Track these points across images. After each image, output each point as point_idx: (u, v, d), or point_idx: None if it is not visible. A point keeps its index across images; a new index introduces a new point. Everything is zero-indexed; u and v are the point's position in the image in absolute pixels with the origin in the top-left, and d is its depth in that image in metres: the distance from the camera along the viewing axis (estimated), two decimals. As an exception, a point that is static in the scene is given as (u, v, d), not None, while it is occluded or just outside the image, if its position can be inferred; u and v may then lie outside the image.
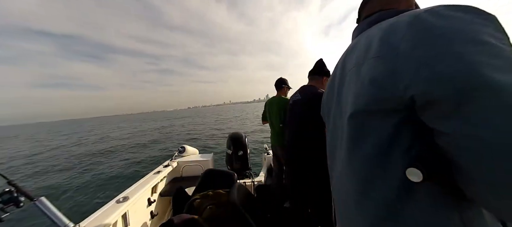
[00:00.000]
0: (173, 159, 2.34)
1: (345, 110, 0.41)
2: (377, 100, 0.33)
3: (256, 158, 4.69)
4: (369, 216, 0.36)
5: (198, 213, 1.21)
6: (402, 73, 0.29)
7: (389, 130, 0.32)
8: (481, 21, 0.26)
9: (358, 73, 0.37)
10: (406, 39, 0.29)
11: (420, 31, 0.28)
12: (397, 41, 0.30)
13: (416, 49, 0.28)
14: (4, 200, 0.80)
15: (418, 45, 0.28)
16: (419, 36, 0.28)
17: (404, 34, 0.29)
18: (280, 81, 2.10)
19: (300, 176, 1.39)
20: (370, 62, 0.34)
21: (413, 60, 0.28)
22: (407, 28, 0.29)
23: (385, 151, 0.33)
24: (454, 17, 0.27)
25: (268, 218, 1.65)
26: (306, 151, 1.31)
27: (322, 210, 1.34)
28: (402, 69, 0.29)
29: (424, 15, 0.29)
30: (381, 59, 0.32)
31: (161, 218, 1.88)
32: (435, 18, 0.28)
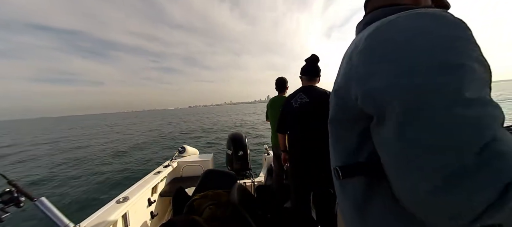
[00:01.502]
0: (173, 159, 2.34)
1: None
2: (341, 109, 0.38)
3: (256, 158, 4.68)
4: (348, 213, 0.40)
5: (198, 213, 1.21)
6: (352, 86, 0.32)
7: (355, 138, 0.36)
8: (428, 40, 0.25)
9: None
10: (359, 51, 0.32)
11: (368, 46, 0.30)
12: (355, 54, 0.32)
13: (360, 64, 0.31)
14: (5, 200, 0.80)
15: (363, 60, 0.30)
16: (366, 51, 0.30)
17: (361, 47, 0.31)
18: (284, 82, 2.09)
19: (304, 176, 1.38)
20: (341, 75, 0.37)
21: (356, 74, 0.31)
22: (364, 40, 0.31)
23: (353, 157, 0.37)
24: (406, 31, 0.26)
25: (268, 218, 1.65)
26: (311, 152, 1.30)
27: (324, 211, 1.34)
28: (351, 83, 0.32)
29: (384, 26, 0.29)
30: (344, 73, 0.35)
31: (161, 219, 1.88)
32: (387, 32, 0.28)
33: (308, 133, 1.33)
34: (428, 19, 0.26)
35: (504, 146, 0.21)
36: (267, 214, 1.66)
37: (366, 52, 0.30)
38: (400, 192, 0.27)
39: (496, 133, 0.21)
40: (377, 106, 0.27)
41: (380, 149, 0.29)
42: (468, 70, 0.23)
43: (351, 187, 0.38)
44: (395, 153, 0.26)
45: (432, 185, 0.22)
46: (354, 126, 0.35)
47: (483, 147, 0.20)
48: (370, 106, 0.29)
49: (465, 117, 0.21)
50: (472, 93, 0.22)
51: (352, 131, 0.36)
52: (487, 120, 0.21)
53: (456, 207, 0.21)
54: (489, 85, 0.24)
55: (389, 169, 0.28)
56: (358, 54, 0.31)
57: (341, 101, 0.37)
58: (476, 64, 0.23)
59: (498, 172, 0.20)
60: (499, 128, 0.22)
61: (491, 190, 0.20)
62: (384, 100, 0.26)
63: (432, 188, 0.22)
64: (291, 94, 1.50)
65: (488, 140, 0.20)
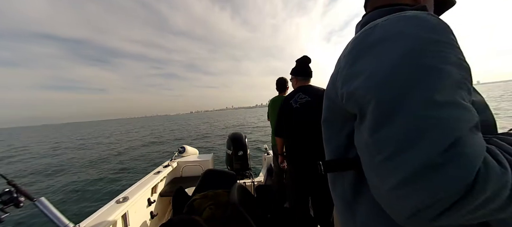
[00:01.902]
0: (173, 159, 2.34)
1: None
2: (330, 110, 0.39)
3: (256, 158, 4.68)
4: (340, 210, 0.42)
5: (198, 213, 1.21)
6: (338, 87, 0.34)
7: (343, 140, 0.37)
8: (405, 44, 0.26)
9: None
10: (345, 54, 0.34)
11: (352, 49, 0.32)
12: (343, 56, 0.34)
13: (346, 66, 0.32)
14: (4, 200, 0.80)
15: (347, 62, 0.32)
16: (350, 54, 0.32)
17: (347, 50, 0.34)
18: (284, 82, 2.09)
19: (304, 176, 1.38)
20: (330, 77, 0.39)
21: (341, 75, 0.33)
22: (351, 44, 0.34)
23: (343, 157, 0.39)
24: (386, 35, 0.28)
25: (268, 218, 1.65)
26: (313, 153, 1.30)
27: (322, 211, 1.34)
28: (338, 84, 0.34)
29: (368, 30, 0.31)
30: (333, 74, 0.37)
31: (161, 218, 1.88)
32: (369, 36, 0.30)
33: (312, 132, 1.31)
34: (409, 22, 0.27)
35: (468, 148, 0.21)
36: (267, 214, 1.66)
37: (350, 55, 0.32)
38: (371, 189, 0.29)
39: (463, 135, 0.21)
40: (358, 105, 0.29)
41: (357, 146, 0.31)
42: (441, 73, 0.23)
43: (340, 185, 0.40)
44: (366, 149, 0.28)
45: (395, 181, 0.23)
46: (343, 127, 0.37)
47: (447, 148, 0.21)
48: (354, 106, 0.30)
49: (433, 118, 0.22)
50: (443, 95, 0.23)
51: (341, 132, 0.38)
52: (455, 122, 0.22)
53: (416, 205, 0.22)
54: (467, 88, 0.25)
55: (363, 167, 0.30)
56: (345, 57, 0.33)
57: (330, 102, 0.39)
58: (452, 68, 0.24)
59: (459, 173, 0.20)
60: (469, 131, 0.22)
61: (450, 189, 0.20)
62: (365, 100, 0.27)
63: (395, 184, 0.23)
64: (288, 95, 1.47)
65: (452, 141, 0.21)
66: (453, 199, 0.20)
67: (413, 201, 0.22)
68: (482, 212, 0.21)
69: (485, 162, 0.21)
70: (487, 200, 0.21)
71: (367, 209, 0.34)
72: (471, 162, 0.20)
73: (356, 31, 0.45)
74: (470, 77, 0.25)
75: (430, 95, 0.23)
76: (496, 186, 0.21)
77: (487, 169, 0.21)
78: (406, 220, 0.23)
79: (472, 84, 0.26)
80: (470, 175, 0.20)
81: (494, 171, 0.21)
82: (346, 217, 0.39)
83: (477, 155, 0.21)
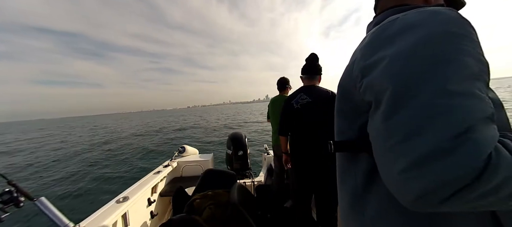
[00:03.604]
0: (173, 159, 2.34)
1: None
2: (345, 100, 0.40)
3: (256, 158, 4.68)
4: (346, 201, 0.42)
5: (198, 213, 1.21)
6: (356, 77, 0.34)
7: (356, 131, 0.38)
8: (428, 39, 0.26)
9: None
10: (363, 46, 0.34)
11: (370, 41, 0.33)
12: (360, 48, 0.35)
13: (363, 57, 0.33)
14: (4, 200, 0.80)
15: (366, 53, 0.33)
16: (368, 45, 0.33)
17: (365, 42, 0.34)
18: (284, 81, 2.09)
19: (305, 176, 1.38)
20: (346, 68, 0.40)
21: (359, 66, 0.34)
22: (369, 36, 0.34)
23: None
24: (404, 26, 0.29)
25: (268, 218, 1.65)
26: (314, 153, 1.30)
27: (324, 209, 1.34)
28: (355, 74, 0.35)
29: (386, 24, 0.32)
30: (349, 66, 0.38)
31: (161, 218, 1.88)
32: (387, 29, 0.31)
33: (311, 134, 1.32)
34: (427, 15, 0.28)
35: (479, 135, 0.21)
36: (267, 214, 1.66)
37: (368, 47, 0.33)
38: (380, 174, 0.29)
39: (475, 124, 0.22)
40: (375, 94, 0.30)
41: (370, 134, 0.31)
42: (458, 64, 0.24)
43: (351, 177, 0.40)
44: (378, 135, 0.28)
45: (404, 164, 0.24)
46: (357, 118, 0.37)
47: (458, 134, 0.21)
48: (371, 95, 0.31)
49: (446, 105, 0.23)
50: (459, 85, 0.23)
51: (354, 123, 0.38)
52: (468, 111, 0.22)
53: (424, 187, 0.22)
54: (484, 81, 0.25)
55: (375, 154, 0.30)
56: (362, 48, 0.34)
57: (346, 93, 0.39)
58: (470, 59, 0.25)
59: (468, 158, 0.21)
60: (482, 121, 0.22)
61: (459, 174, 0.21)
62: (381, 88, 0.28)
63: (404, 167, 0.24)
64: (291, 95, 1.47)
65: (465, 128, 0.21)
66: (461, 184, 0.21)
67: (422, 183, 0.22)
68: (490, 200, 0.22)
69: (496, 150, 0.21)
70: (497, 187, 0.21)
71: (379, 199, 0.34)
72: (481, 148, 0.21)
73: (368, 30, 0.46)
74: (488, 71, 0.26)
75: (445, 84, 0.23)
76: (506, 174, 0.21)
77: (499, 157, 0.21)
78: (413, 202, 0.24)
79: (489, 79, 0.27)
80: (480, 161, 0.20)
81: (505, 159, 0.21)
82: (355, 211, 0.39)
83: (488, 142, 0.21)
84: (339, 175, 0.45)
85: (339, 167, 0.45)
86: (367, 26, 0.46)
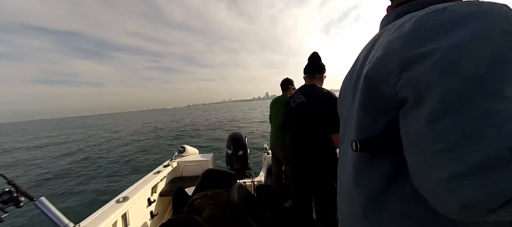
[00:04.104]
0: (173, 159, 2.34)
1: (355, 104, 0.42)
2: (371, 93, 0.36)
3: (256, 158, 4.68)
4: (358, 204, 0.39)
5: (198, 213, 1.21)
6: (392, 69, 0.30)
7: (381, 127, 0.34)
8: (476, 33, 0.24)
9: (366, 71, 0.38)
10: (404, 35, 0.30)
11: (415, 30, 0.29)
12: (398, 37, 0.31)
13: (405, 48, 0.29)
14: (4, 200, 0.80)
15: (409, 44, 0.29)
16: (413, 35, 0.29)
17: (407, 31, 0.30)
18: (286, 82, 2.10)
19: (301, 177, 1.39)
20: (373, 62, 0.35)
21: (400, 58, 0.29)
22: (411, 24, 0.30)
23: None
24: (455, 20, 0.26)
25: (268, 218, 1.65)
26: (307, 152, 1.30)
27: (324, 210, 1.34)
28: (392, 66, 0.31)
29: (432, 13, 0.29)
30: (382, 56, 0.33)
31: (161, 218, 1.88)
32: (436, 19, 0.28)
33: (303, 133, 1.33)
34: (482, 9, 0.25)
35: None
36: (267, 214, 1.66)
37: (411, 37, 0.29)
38: (416, 178, 0.28)
39: None
40: (417, 91, 0.27)
41: (405, 134, 0.29)
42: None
43: (369, 177, 0.37)
44: (418, 137, 0.26)
45: (453, 172, 0.22)
46: (383, 115, 0.34)
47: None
48: (411, 91, 0.28)
49: (505, 111, 0.21)
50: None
51: (380, 119, 0.35)
52: None
53: (473, 197, 0.21)
54: None
55: (409, 155, 0.28)
56: (403, 38, 0.30)
57: (374, 84, 0.35)
58: None
59: None
60: None
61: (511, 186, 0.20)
62: (428, 86, 0.25)
63: (451, 175, 0.22)
64: (292, 94, 1.52)
65: None
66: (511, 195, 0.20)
67: (471, 193, 0.21)
68: None
69: None
70: None
71: (400, 203, 0.33)
72: None
73: (382, 26, 0.43)
74: None
75: (503, 88, 0.21)
76: None
77: None
78: (457, 210, 0.23)
79: None
80: None
81: None
82: (370, 215, 0.37)
83: None
84: (355, 175, 0.41)
85: (354, 167, 0.41)
86: (385, 19, 0.42)
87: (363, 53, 0.45)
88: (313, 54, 1.43)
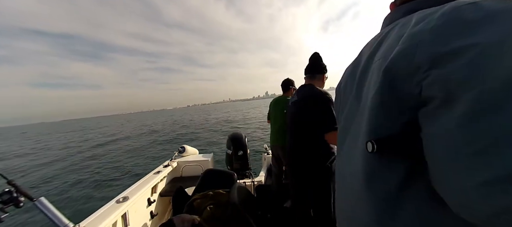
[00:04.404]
0: (173, 159, 2.34)
1: (364, 102, 0.40)
2: (389, 90, 0.33)
3: (256, 158, 4.68)
4: (368, 207, 0.37)
5: (198, 213, 1.21)
6: (419, 66, 0.28)
7: (397, 127, 0.32)
8: None
9: (383, 65, 0.35)
10: (432, 29, 0.27)
11: (447, 23, 0.26)
12: (425, 30, 0.28)
13: (436, 43, 0.26)
14: (4, 200, 0.80)
15: (438, 37, 0.26)
16: (444, 29, 0.26)
17: (435, 25, 0.28)
18: (287, 82, 2.10)
19: (300, 177, 1.39)
20: (394, 56, 0.33)
21: (429, 53, 0.27)
22: (439, 18, 0.27)
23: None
24: (493, 13, 0.24)
25: (268, 218, 1.65)
26: (304, 152, 1.31)
27: (321, 210, 1.34)
28: (419, 62, 0.28)
29: (464, 6, 0.26)
30: (404, 50, 0.31)
31: (161, 218, 1.88)
32: (470, 12, 0.25)
33: (297, 132, 1.35)
34: None
35: None
36: (267, 214, 1.66)
37: (446, 30, 0.26)
38: (442, 181, 0.26)
39: None
40: (448, 89, 0.24)
41: (429, 134, 0.27)
42: None
43: (384, 179, 0.35)
44: (447, 139, 0.24)
45: (487, 177, 0.21)
46: (400, 112, 0.32)
47: None
48: (440, 90, 0.26)
49: None
50: None
51: (397, 119, 0.32)
52: None
53: (508, 205, 0.20)
54: None
55: (435, 158, 0.26)
56: (432, 31, 0.27)
57: (394, 80, 0.32)
58: None
59: None
60: None
61: None
62: (463, 85, 0.24)
63: (486, 180, 0.21)
64: (293, 94, 1.55)
65: None
66: None
67: (505, 201, 0.20)
68: None
69: None
70: None
71: (417, 207, 0.31)
72: None
73: (386, 23, 0.41)
74: None
75: None
76: None
77: None
78: (487, 218, 0.22)
79: None
80: None
81: None
82: (384, 219, 0.35)
83: None
84: (365, 178, 0.39)
85: (366, 169, 0.39)
86: (386, 18, 0.40)
87: (367, 49, 0.43)
88: (314, 55, 1.43)
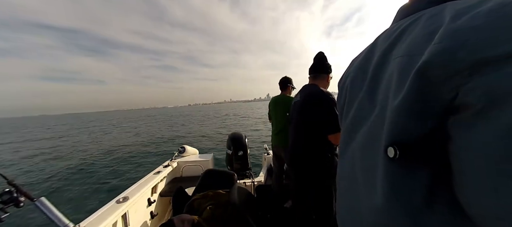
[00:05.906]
0: (173, 159, 2.34)
1: (382, 103, 0.36)
2: (423, 95, 0.29)
3: (256, 158, 4.68)
4: (395, 217, 0.34)
5: (198, 213, 1.21)
6: (459, 70, 0.25)
7: (423, 132, 0.29)
8: None
9: (409, 64, 0.31)
10: (471, 27, 0.24)
11: (488, 21, 0.23)
12: (470, 30, 0.25)
13: (483, 44, 0.23)
14: (4, 200, 0.80)
15: (480, 38, 0.23)
16: (492, 28, 0.23)
17: (479, 23, 0.24)
18: (285, 80, 2.08)
19: (302, 177, 1.39)
20: (430, 56, 0.28)
21: (473, 57, 0.23)
22: (485, 16, 0.24)
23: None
24: None
25: (268, 218, 1.65)
26: (307, 153, 1.30)
27: (322, 211, 1.34)
28: (461, 66, 0.24)
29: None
30: (444, 50, 0.27)
31: (161, 218, 1.88)
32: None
33: (299, 133, 1.35)
34: None
35: None
36: (267, 214, 1.66)
37: (494, 31, 0.23)
38: (470, 196, 0.24)
39: None
40: (492, 98, 0.22)
41: (464, 146, 0.24)
42: None
43: (407, 186, 0.32)
44: (488, 153, 0.22)
45: None
46: (428, 117, 0.29)
47: None
48: (481, 96, 0.23)
49: None
50: None
51: (425, 123, 0.29)
52: None
53: None
54: None
55: (466, 171, 0.24)
56: (478, 30, 0.24)
57: (427, 82, 0.28)
58: None
59: None
60: None
61: None
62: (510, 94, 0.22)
63: None
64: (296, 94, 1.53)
65: None
66: None
67: None
68: None
69: None
70: None
71: (441, 216, 0.29)
72: None
73: (403, 14, 0.38)
74: None
75: None
76: None
77: None
78: None
79: None
80: None
81: None
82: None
83: None
84: (386, 186, 0.35)
85: (387, 177, 0.35)
86: (401, 10, 0.38)
87: (383, 42, 0.39)
88: (318, 54, 1.41)
